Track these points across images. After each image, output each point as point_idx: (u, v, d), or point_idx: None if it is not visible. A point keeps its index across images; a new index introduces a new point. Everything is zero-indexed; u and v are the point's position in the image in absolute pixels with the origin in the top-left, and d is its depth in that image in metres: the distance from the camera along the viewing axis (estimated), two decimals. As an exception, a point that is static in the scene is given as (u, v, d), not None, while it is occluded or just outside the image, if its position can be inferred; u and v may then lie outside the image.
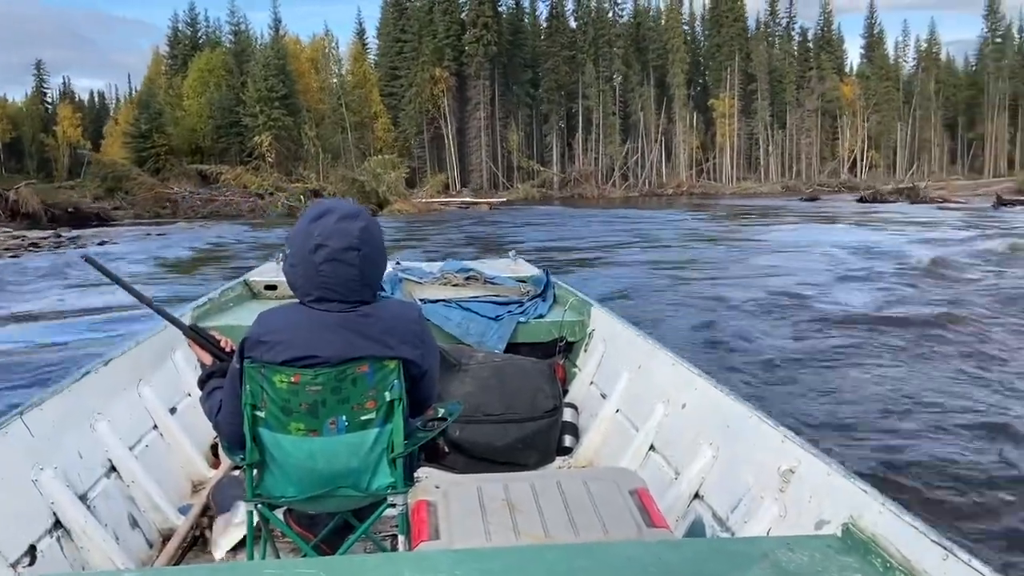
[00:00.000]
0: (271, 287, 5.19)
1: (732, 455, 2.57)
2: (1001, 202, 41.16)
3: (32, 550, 2.28)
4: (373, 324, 1.95)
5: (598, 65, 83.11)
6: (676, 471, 2.87)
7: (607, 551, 1.61)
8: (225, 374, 2.08)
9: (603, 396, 3.85)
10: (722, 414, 2.72)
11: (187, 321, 2.60)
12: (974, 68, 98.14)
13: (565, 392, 4.10)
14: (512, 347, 4.29)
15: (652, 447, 3.15)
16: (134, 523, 2.82)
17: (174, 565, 2.68)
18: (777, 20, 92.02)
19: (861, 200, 49.25)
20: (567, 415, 3.86)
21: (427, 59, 76.74)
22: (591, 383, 4.07)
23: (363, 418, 1.97)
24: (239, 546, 2.70)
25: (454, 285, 5.17)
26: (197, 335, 2.29)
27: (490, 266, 5.88)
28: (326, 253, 1.88)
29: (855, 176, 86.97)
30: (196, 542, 2.90)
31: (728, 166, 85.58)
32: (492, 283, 5.24)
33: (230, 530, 2.78)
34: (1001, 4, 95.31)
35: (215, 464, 3.50)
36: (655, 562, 1.53)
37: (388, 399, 1.98)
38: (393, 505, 2.08)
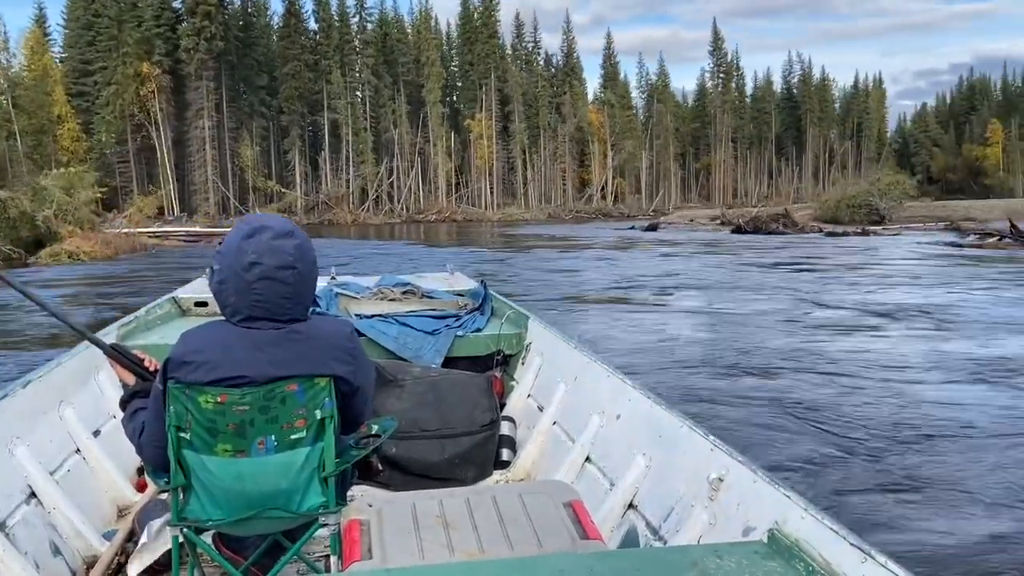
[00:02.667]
0: (201, 304, 5.08)
1: (664, 464, 2.57)
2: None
3: None
4: (303, 342, 1.90)
5: (345, 74, 72.60)
6: (611, 482, 2.87)
7: (540, 564, 1.62)
8: (148, 394, 2.01)
9: (540, 409, 3.85)
10: (655, 424, 2.73)
11: (111, 339, 2.74)
12: (697, 103, 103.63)
13: (503, 406, 4.05)
14: (450, 361, 4.25)
15: (588, 459, 3.15)
16: (56, 551, 2.69)
17: None
18: (524, 43, 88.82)
19: (738, 230, 35.90)
20: (505, 428, 3.83)
21: (130, 51, 60.96)
22: (528, 396, 4.06)
23: (293, 437, 1.91)
24: (165, 571, 2.58)
25: (391, 300, 5.13)
26: (119, 354, 2.20)
27: (427, 280, 5.88)
28: (260, 271, 1.82)
29: (608, 203, 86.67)
30: (121, 569, 2.77)
31: (487, 191, 79.69)
32: (429, 297, 5.19)
33: (143, 554, 2.67)
34: (724, 43, 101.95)
35: (141, 487, 3.38)
36: (587, 574, 1.54)
37: (319, 417, 1.92)
38: (325, 525, 2.03)
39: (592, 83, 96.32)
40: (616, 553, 2.21)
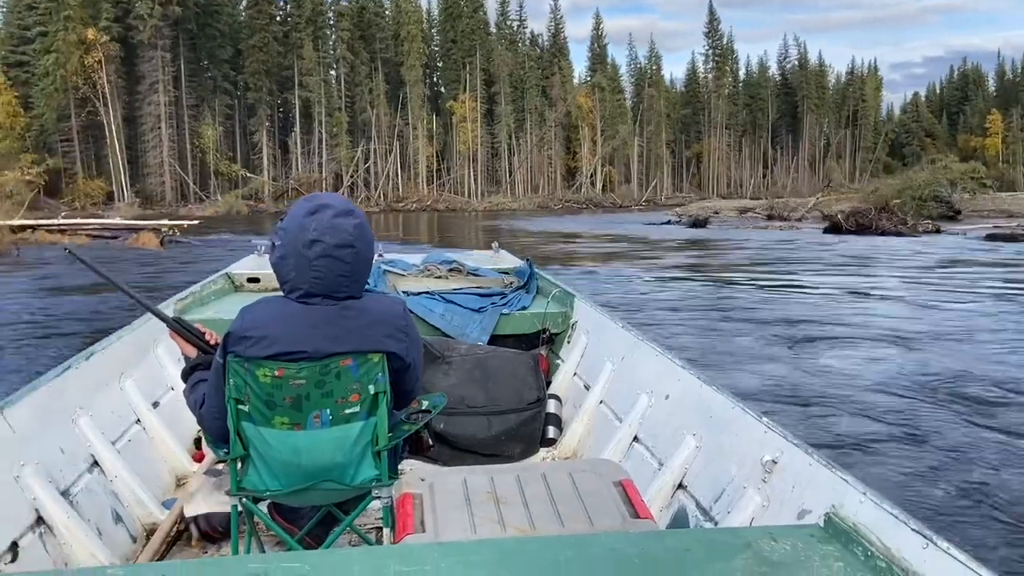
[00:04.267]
0: (253, 280, 5.15)
1: (715, 446, 2.56)
2: None
3: (14, 547, 2.27)
4: (358, 318, 1.94)
5: (318, 48, 66.46)
6: (660, 462, 2.86)
7: (592, 542, 1.63)
8: (209, 367, 2.06)
9: (586, 387, 3.84)
10: (705, 405, 2.72)
11: (169, 314, 2.58)
12: (688, 88, 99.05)
13: (548, 383, 4.07)
14: (495, 339, 4.26)
15: (636, 438, 3.15)
16: (117, 518, 2.80)
17: (158, 560, 2.68)
18: (508, 22, 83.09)
19: (834, 229, 27.70)
20: (550, 406, 3.85)
21: (73, 15, 54.13)
22: (574, 375, 4.05)
23: (347, 411, 1.96)
24: (221, 539, 2.75)
25: (437, 277, 5.15)
26: (182, 328, 2.24)
27: (473, 258, 5.85)
28: (321, 249, 1.86)
29: (598, 192, 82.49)
30: (180, 536, 2.85)
31: (471, 178, 74.31)
32: (475, 275, 5.20)
33: (199, 500, 2.78)
34: (720, 24, 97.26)
35: (198, 458, 3.45)
36: (639, 553, 1.55)
37: (372, 392, 1.97)
38: (378, 498, 2.08)
39: (577, 69, 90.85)
40: (668, 533, 2.23)
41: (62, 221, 22.06)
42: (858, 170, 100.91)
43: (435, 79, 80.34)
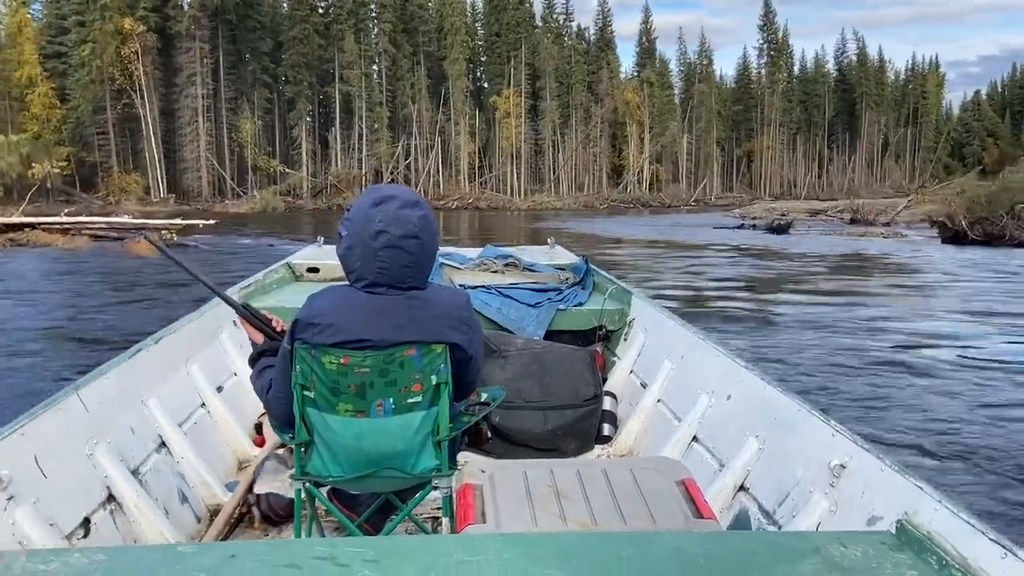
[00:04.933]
0: (313, 270, 5.28)
1: (779, 448, 2.53)
2: None
3: (87, 523, 2.33)
4: (422, 309, 1.96)
5: (360, 40, 64.52)
6: (720, 463, 2.83)
7: (655, 540, 1.62)
8: (276, 353, 2.10)
9: (643, 385, 3.80)
10: (769, 407, 2.68)
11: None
12: (739, 84, 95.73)
13: (604, 380, 4.01)
14: (551, 335, 4.24)
15: (695, 438, 3.11)
16: (183, 498, 2.86)
17: (222, 541, 2.71)
18: (555, 15, 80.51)
19: (953, 238, 23.24)
20: (606, 404, 3.81)
21: (109, 4, 52.78)
22: (631, 372, 4.01)
23: (409, 400, 1.98)
24: (283, 523, 2.83)
25: (493, 271, 5.16)
26: (250, 314, 2.29)
27: (528, 253, 5.87)
28: (386, 239, 1.88)
29: (644, 191, 79.99)
30: (242, 519, 2.91)
31: (513, 176, 71.91)
32: (531, 270, 5.21)
33: (265, 480, 2.87)
34: (776, 16, 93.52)
35: (259, 443, 3.50)
36: (703, 553, 1.53)
37: (434, 382, 1.98)
38: (437, 488, 2.11)
39: (624, 66, 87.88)
40: (733, 534, 2.21)
41: (63, 219, 19.89)
42: (917, 171, 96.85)
43: (478, 74, 78.15)
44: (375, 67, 68.40)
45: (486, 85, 76.47)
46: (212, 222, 22.60)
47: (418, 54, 69.70)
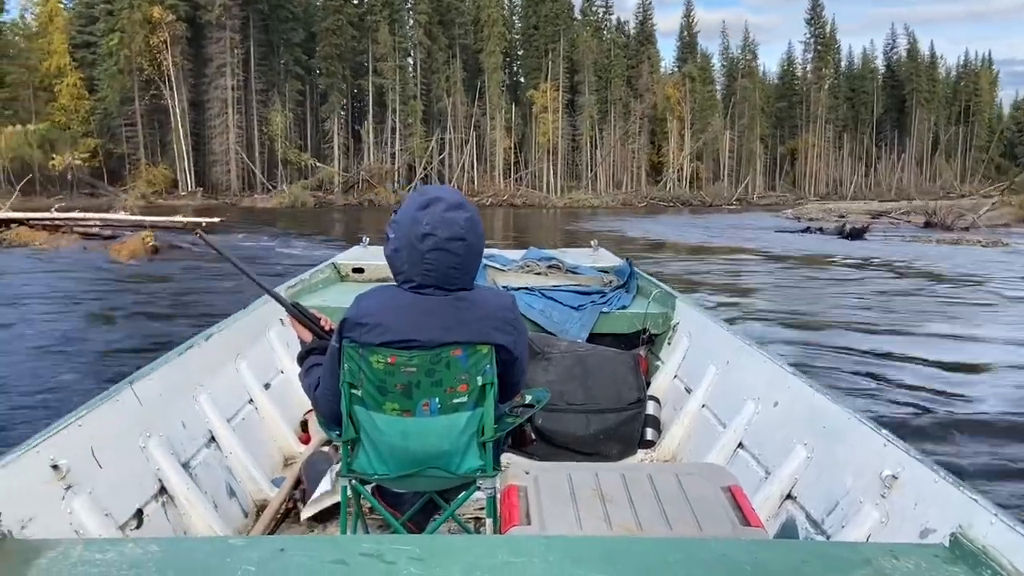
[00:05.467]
0: (358, 270, 5.37)
1: (828, 457, 2.50)
2: None
3: (139, 514, 2.38)
4: (469, 310, 1.97)
5: (395, 32, 62.75)
6: (766, 470, 2.81)
7: (701, 547, 1.63)
8: (324, 351, 2.13)
9: (687, 390, 3.78)
10: (818, 415, 2.65)
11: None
12: (783, 80, 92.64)
13: (647, 384, 3.99)
14: (594, 337, 4.21)
15: (740, 444, 3.08)
16: (231, 493, 2.89)
17: (269, 535, 2.74)
18: (594, 8, 78.15)
19: None
20: (649, 408, 3.78)
21: (139, -8, 51.44)
22: (675, 376, 3.99)
23: (455, 401, 1.99)
24: (325, 518, 2.83)
25: (536, 273, 5.17)
26: (300, 313, 2.33)
27: (572, 255, 5.85)
28: (433, 242, 1.90)
29: (684, 189, 77.14)
30: (288, 514, 2.94)
31: (550, 172, 69.76)
32: (574, 272, 5.20)
33: (315, 503, 2.85)
34: (824, 10, 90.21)
35: (304, 439, 3.56)
36: (750, 561, 1.51)
37: (480, 383, 1.99)
38: (480, 488, 2.12)
39: (664, 63, 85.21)
40: (781, 543, 2.18)
41: (54, 215, 18.08)
42: (969, 171, 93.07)
43: (515, 69, 76.08)
44: (409, 59, 66.63)
45: (523, 80, 74.35)
46: (216, 220, 20.57)
47: (454, 47, 67.81)
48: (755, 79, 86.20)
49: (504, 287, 4.54)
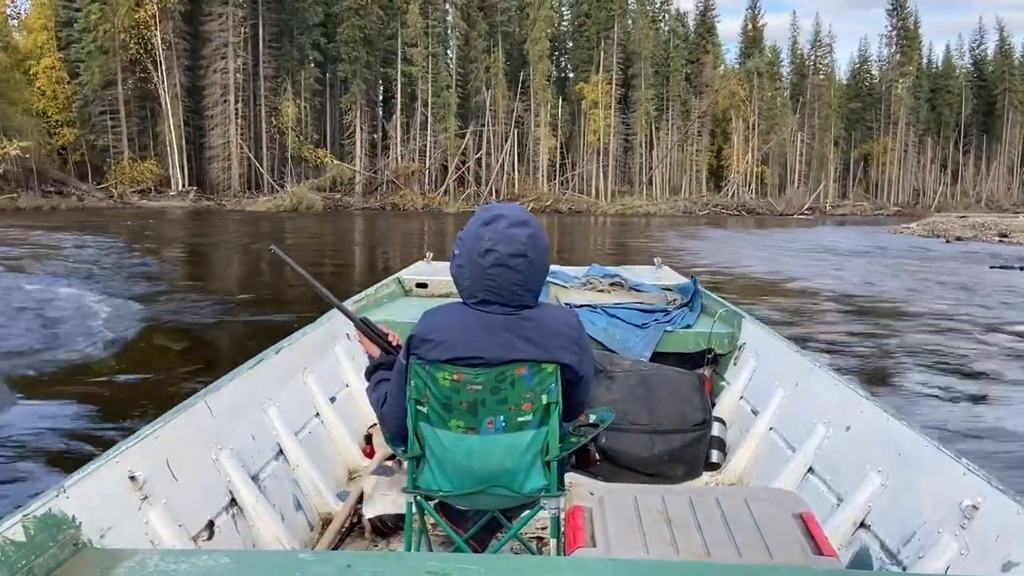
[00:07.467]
0: (422, 285, 5.42)
1: (904, 484, 2.45)
2: None
3: (211, 525, 2.40)
4: (534, 328, 1.99)
5: (427, 15, 55.39)
6: (839, 497, 2.76)
7: (773, 575, 1.58)
8: (391, 367, 2.17)
9: (754, 412, 3.73)
10: (893, 440, 2.60)
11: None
12: (855, 78, 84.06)
13: (712, 405, 3.94)
14: (657, 356, 4.20)
15: (811, 469, 3.03)
16: (297, 505, 2.93)
17: (333, 549, 2.77)
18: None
19: None
20: (715, 430, 3.73)
21: (125, -43, 44.41)
22: (741, 398, 3.94)
23: (520, 419, 2.00)
24: (389, 533, 2.87)
25: (599, 291, 5.15)
26: (368, 328, 2.35)
27: (635, 272, 5.86)
28: (495, 258, 1.92)
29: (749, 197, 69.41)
30: (353, 528, 2.95)
31: (599, 176, 61.96)
32: (637, 290, 5.18)
33: (375, 504, 2.90)
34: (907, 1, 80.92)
35: (368, 453, 3.58)
36: None
37: (545, 402, 2.01)
38: (544, 507, 2.12)
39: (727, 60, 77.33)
40: (857, 574, 2.13)
41: None
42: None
43: (562, 64, 69.11)
44: (444, 45, 59.35)
45: (571, 75, 67.23)
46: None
47: (495, 34, 60.74)
48: (830, 77, 77.93)
49: (567, 304, 4.59)
